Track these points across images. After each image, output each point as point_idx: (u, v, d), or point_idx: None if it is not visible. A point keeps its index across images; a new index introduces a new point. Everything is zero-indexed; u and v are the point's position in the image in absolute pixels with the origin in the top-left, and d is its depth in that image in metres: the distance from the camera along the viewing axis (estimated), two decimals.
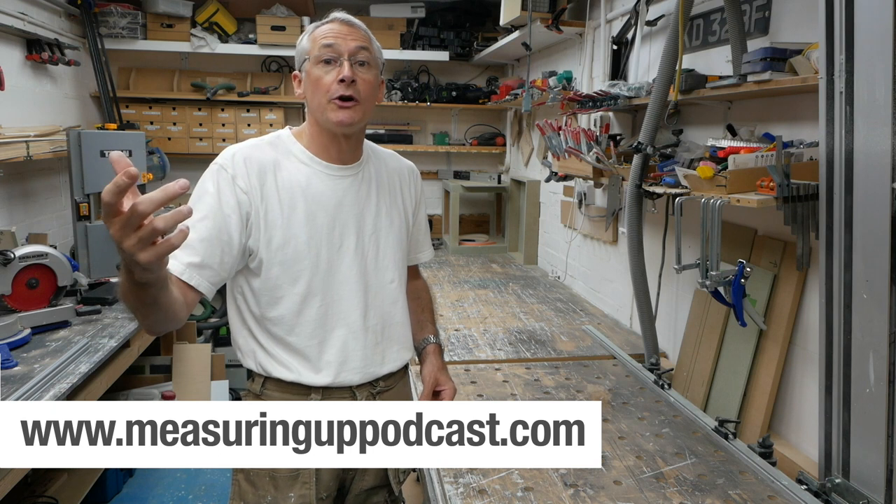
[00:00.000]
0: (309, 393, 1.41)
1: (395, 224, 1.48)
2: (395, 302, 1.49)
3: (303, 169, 1.38)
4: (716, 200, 1.65)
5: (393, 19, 4.49)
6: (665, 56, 1.98)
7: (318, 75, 1.33)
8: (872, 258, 1.32)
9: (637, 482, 1.44)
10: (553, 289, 3.42)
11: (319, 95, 1.34)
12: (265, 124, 4.49)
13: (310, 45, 1.36)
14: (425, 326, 1.63)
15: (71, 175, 3.07)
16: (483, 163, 5.10)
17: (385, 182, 1.48)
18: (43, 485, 2.70)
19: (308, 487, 1.40)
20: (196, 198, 1.31)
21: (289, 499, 1.40)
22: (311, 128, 1.41)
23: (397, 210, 1.49)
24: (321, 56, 1.33)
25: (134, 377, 3.40)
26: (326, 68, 1.33)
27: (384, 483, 1.52)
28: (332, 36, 1.34)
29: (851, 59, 1.33)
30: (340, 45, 1.33)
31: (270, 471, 1.40)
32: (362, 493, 1.52)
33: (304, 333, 1.38)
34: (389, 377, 1.51)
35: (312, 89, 1.35)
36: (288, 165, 1.37)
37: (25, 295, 2.41)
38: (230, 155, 1.34)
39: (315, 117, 1.38)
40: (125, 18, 4.10)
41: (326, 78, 1.33)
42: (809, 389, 1.78)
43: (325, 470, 1.43)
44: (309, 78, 1.35)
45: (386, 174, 1.49)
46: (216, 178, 1.31)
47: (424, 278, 1.73)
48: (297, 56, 1.40)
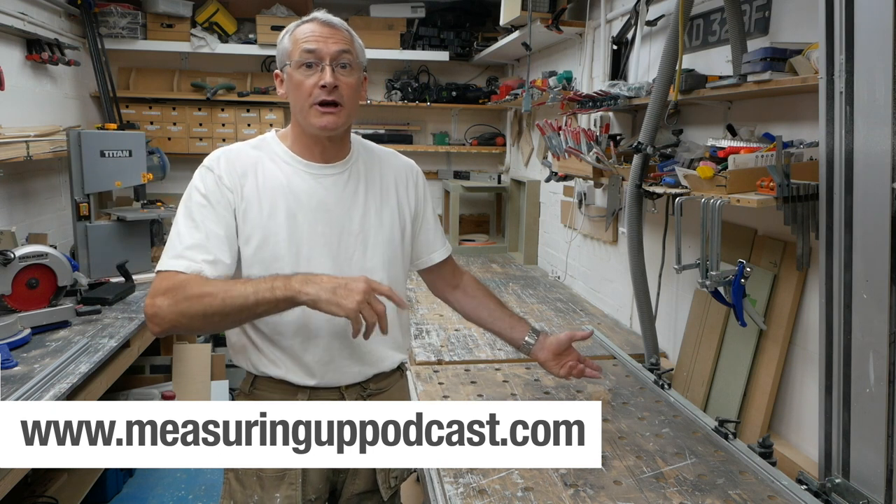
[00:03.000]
0: (296, 392, 1.40)
1: (387, 223, 1.45)
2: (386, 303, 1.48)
3: (284, 168, 1.38)
4: (716, 200, 1.65)
5: (393, 19, 4.49)
6: (665, 56, 1.98)
7: (300, 80, 1.33)
8: (872, 258, 1.32)
9: (637, 482, 1.44)
10: (553, 289, 3.42)
11: (301, 99, 1.34)
12: (265, 124, 4.49)
13: (291, 47, 1.35)
14: (514, 325, 1.67)
15: (71, 175, 3.07)
16: (483, 163, 5.10)
17: (377, 180, 1.46)
18: (43, 485, 2.70)
19: (294, 489, 1.39)
20: (191, 200, 1.33)
21: (274, 499, 1.38)
22: (295, 128, 1.41)
23: (390, 209, 1.47)
24: (302, 60, 1.32)
25: (134, 377, 3.40)
26: (308, 72, 1.32)
27: (376, 487, 1.50)
28: (312, 39, 1.32)
29: (851, 59, 1.32)
30: (321, 49, 1.32)
31: (257, 470, 1.39)
32: (353, 497, 1.50)
33: (288, 333, 1.37)
34: (381, 379, 1.50)
35: (294, 93, 1.35)
36: (270, 165, 1.37)
37: (25, 295, 2.41)
38: (215, 157, 1.36)
39: (297, 119, 1.38)
40: (125, 18, 4.10)
41: (308, 82, 1.32)
42: (809, 389, 1.78)
43: (313, 471, 1.42)
44: (291, 81, 1.35)
45: (379, 172, 1.48)
46: (205, 180, 1.34)
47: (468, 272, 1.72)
48: (278, 56, 1.40)
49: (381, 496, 1.49)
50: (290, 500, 1.39)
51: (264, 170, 1.37)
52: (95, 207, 3.19)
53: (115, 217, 3.22)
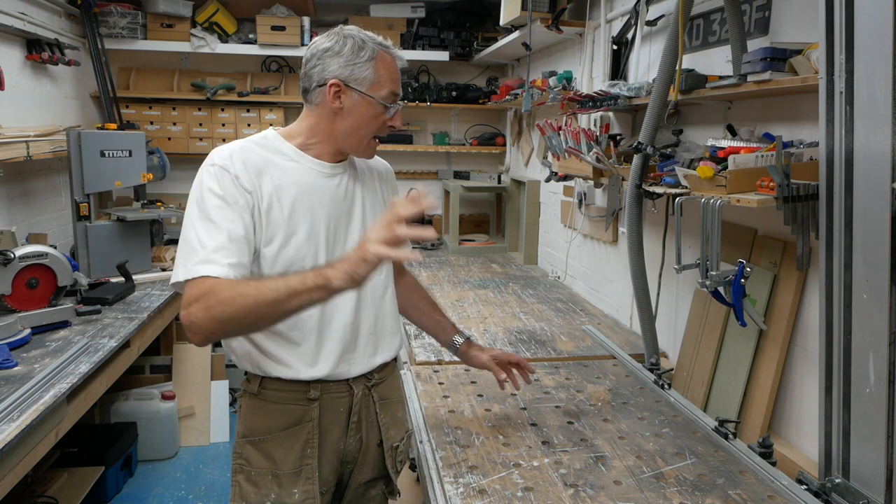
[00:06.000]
0: (308, 388, 1.43)
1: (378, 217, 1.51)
2: (385, 293, 1.53)
3: (295, 167, 1.39)
4: (716, 200, 1.65)
5: (393, 19, 4.49)
6: (665, 56, 1.98)
7: (375, 114, 1.38)
8: (872, 258, 1.32)
9: (637, 482, 1.44)
10: (553, 289, 3.42)
11: (364, 128, 1.39)
12: (265, 124, 4.48)
13: (375, 78, 1.36)
14: (446, 327, 1.75)
15: (71, 175, 3.07)
16: (483, 163, 5.10)
17: (367, 178, 1.53)
18: (43, 485, 2.70)
19: (311, 483, 1.43)
20: (205, 202, 1.28)
21: (293, 495, 1.42)
22: (320, 137, 1.41)
23: (379, 205, 1.54)
24: (388, 102, 1.38)
25: (134, 377, 3.40)
26: (386, 110, 1.39)
27: (382, 474, 1.57)
28: (399, 81, 1.40)
29: (851, 59, 1.32)
30: (400, 94, 1.41)
31: (272, 468, 1.42)
32: (361, 486, 1.56)
33: (306, 328, 1.40)
34: (382, 369, 1.56)
35: (362, 122, 1.38)
36: (281, 164, 1.38)
37: (25, 295, 2.41)
38: (227, 155, 1.33)
39: (341, 139, 1.40)
40: (125, 18, 4.09)
41: (382, 119, 1.39)
42: (809, 389, 1.78)
43: (325, 464, 1.46)
44: (362, 109, 1.37)
45: (367, 170, 1.54)
46: (221, 180, 1.30)
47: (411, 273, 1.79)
48: (350, 70, 1.35)
49: (391, 479, 1.58)
50: (309, 494, 1.42)
51: (278, 168, 1.37)
52: (95, 207, 3.19)
53: (115, 217, 3.22)
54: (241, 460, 1.44)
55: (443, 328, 1.75)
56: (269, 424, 1.43)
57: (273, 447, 1.42)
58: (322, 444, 1.45)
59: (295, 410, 1.43)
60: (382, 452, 1.55)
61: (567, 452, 1.58)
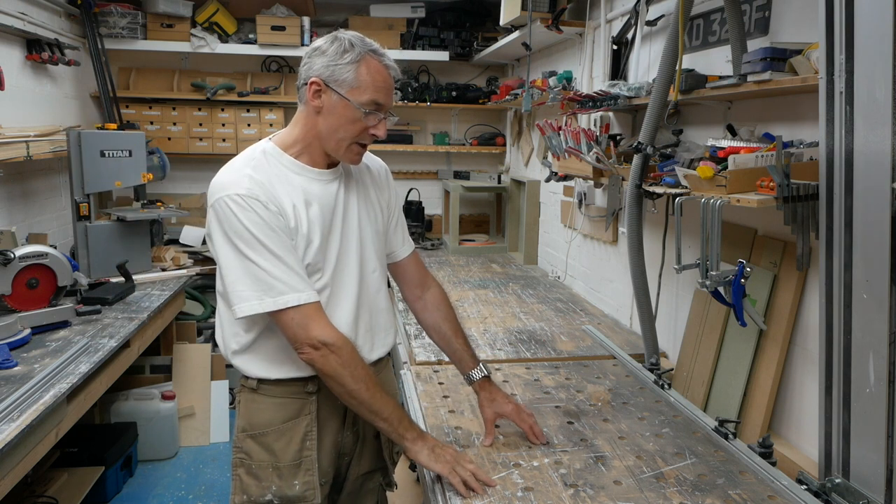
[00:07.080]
0: (306, 383, 1.47)
1: (373, 216, 1.56)
2: (379, 290, 1.57)
3: (299, 179, 1.43)
4: (716, 200, 1.65)
5: (393, 19, 4.49)
6: (665, 56, 1.98)
7: (354, 117, 1.37)
8: (872, 258, 1.32)
9: (637, 482, 1.44)
10: (553, 289, 3.42)
11: (345, 132, 1.38)
12: (265, 124, 4.49)
13: (357, 82, 1.35)
14: (464, 357, 1.65)
15: (71, 175, 3.07)
16: (483, 163, 5.10)
17: (358, 179, 1.55)
18: (43, 485, 2.70)
19: (311, 474, 1.46)
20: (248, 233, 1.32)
21: (294, 486, 1.45)
22: (306, 139, 1.43)
23: (372, 203, 1.56)
24: (369, 109, 1.37)
25: (134, 377, 3.40)
26: (366, 117, 1.37)
27: (379, 465, 1.62)
28: (384, 91, 1.38)
29: (851, 59, 1.32)
30: (387, 103, 1.39)
31: (273, 461, 1.45)
32: (359, 477, 1.60)
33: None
34: (377, 363, 1.59)
35: (339, 124, 1.38)
36: (288, 178, 1.41)
37: (25, 295, 2.41)
38: (247, 183, 1.35)
39: (322, 140, 1.41)
40: (125, 18, 4.09)
41: (363, 124, 1.38)
42: (809, 389, 1.78)
43: (323, 456, 1.50)
44: (341, 111, 1.37)
45: (358, 171, 1.56)
46: (255, 209, 1.33)
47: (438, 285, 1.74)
48: (331, 70, 1.35)
49: (388, 471, 1.62)
50: (309, 486, 1.45)
51: (288, 184, 1.40)
52: (95, 207, 3.19)
53: (115, 217, 3.22)
54: (242, 454, 1.47)
55: (460, 359, 1.66)
56: (269, 418, 1.46)
57: (273, 440, 1.45)
58: (321, 436, 1.49)
59: (293, 404, 1.47)
60: (380, 444, 1.60)
61: (567, 452, 1.58)
